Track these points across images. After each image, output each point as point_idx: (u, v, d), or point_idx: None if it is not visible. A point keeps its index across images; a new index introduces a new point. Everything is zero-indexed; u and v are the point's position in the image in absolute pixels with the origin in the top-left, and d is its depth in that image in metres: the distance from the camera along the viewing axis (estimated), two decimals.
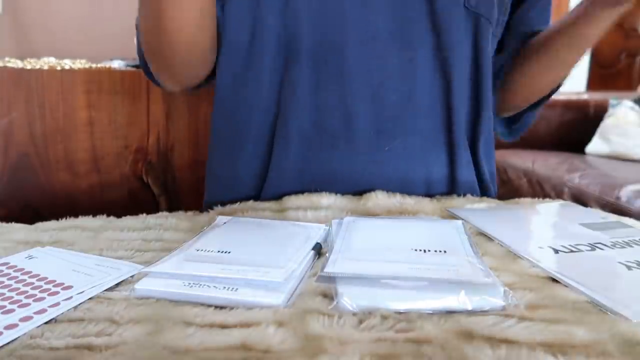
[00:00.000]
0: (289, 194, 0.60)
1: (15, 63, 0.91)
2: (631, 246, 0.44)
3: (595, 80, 3.19)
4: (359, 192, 0.60)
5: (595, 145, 2.16)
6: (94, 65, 0.97)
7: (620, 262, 0.41)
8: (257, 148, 0.62)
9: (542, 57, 0.70)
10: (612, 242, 0.45)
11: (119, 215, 0.55)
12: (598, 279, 0.37)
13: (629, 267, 0.40)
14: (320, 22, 0.59)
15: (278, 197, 0.60)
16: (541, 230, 0.52)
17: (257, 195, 0.63)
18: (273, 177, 0.62)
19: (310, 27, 0.59)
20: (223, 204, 0.59)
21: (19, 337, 0.30)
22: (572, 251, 0.43)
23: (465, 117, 0.65)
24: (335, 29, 0.59)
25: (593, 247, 0.44)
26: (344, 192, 0.60)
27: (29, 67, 0.89)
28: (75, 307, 0.34)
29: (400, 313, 0.33)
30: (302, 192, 0.59)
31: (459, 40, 0.62)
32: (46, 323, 0.32)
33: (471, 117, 0.66)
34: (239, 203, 0.60)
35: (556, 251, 0.43)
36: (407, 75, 0.60)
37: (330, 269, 0.37)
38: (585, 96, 2.40)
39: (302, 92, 0.60)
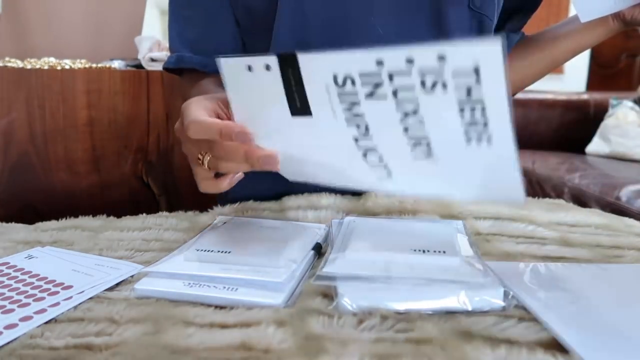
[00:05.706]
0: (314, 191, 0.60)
1: (15, 63, 0.91)
2: None
3: (595, 80, 3.19)
4: None
5: (595, 145, 2.16)
6: (94, 65, 0.97)
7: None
8: None
9: (539, 56, 0.73)
10: None
11: (119, 215, 0.55)
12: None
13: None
14: (325, 26, 0.58)
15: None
16: None
17: (283, 192, 0.63)
18: None
19: (317, 34, 0.58)
20: (247, 199, 0.61)
21: (18, 336, 0.30)
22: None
23: None
24: (339, 33, 0.59)
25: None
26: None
27: (29, 67, 0.89)
28: (75, 307, 0.34)
29: (400, 313, 0.33)
30: (327, 189, 0.59)
31: None
32: (46, 323, 0.32)
33: None
34: (238, 203, 0.60)
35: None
36: None
37: (329, 268, 0.37)
38: (586, 96, 2.39)
39: None
